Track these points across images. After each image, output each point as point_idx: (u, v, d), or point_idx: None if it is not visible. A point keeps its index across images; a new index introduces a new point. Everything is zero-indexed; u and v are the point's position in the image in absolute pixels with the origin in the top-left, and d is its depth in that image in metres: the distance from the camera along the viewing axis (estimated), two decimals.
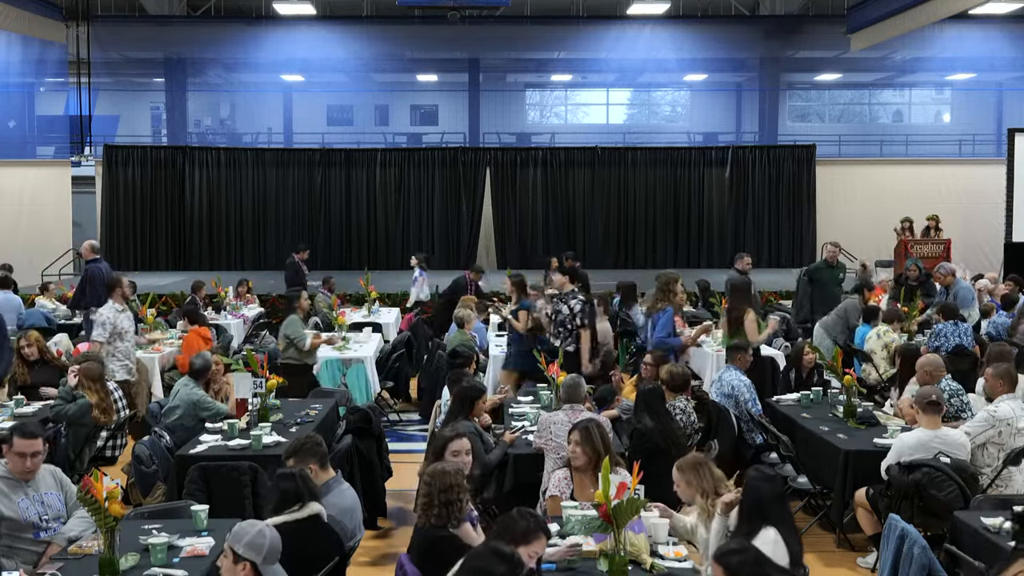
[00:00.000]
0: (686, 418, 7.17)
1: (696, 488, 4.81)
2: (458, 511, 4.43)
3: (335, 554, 4.64)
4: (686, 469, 4.87)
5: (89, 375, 7.41)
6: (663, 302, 9.00)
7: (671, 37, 22.78)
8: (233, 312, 13.57)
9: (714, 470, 4.92)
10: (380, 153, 22.30)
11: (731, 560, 3.60)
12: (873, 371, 9.92)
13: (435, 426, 7.18)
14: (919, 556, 4.65)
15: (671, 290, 9.08)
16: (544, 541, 4.07)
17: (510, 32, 23.21)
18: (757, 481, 4.46)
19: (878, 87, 29.92)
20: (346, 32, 22.82)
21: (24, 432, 5.05)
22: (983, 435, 6.20)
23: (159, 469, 6.76)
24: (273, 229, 21.81)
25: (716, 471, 4.93)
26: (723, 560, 3.62)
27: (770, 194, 22.00)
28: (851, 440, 6.67)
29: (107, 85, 24.89)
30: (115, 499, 4.32)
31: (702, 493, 4.80)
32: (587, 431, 5.35)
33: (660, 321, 8.94)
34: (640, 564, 4.43)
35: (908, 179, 21.90)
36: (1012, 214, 18.89)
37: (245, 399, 7.29)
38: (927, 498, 5.83)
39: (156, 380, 10.22)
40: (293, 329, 9.60)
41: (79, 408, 7.23)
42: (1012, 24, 22.14)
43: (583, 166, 21.95)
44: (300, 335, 9.55)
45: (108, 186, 21.53)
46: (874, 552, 6.09)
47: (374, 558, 6.64)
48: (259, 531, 3.96)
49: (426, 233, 21.78)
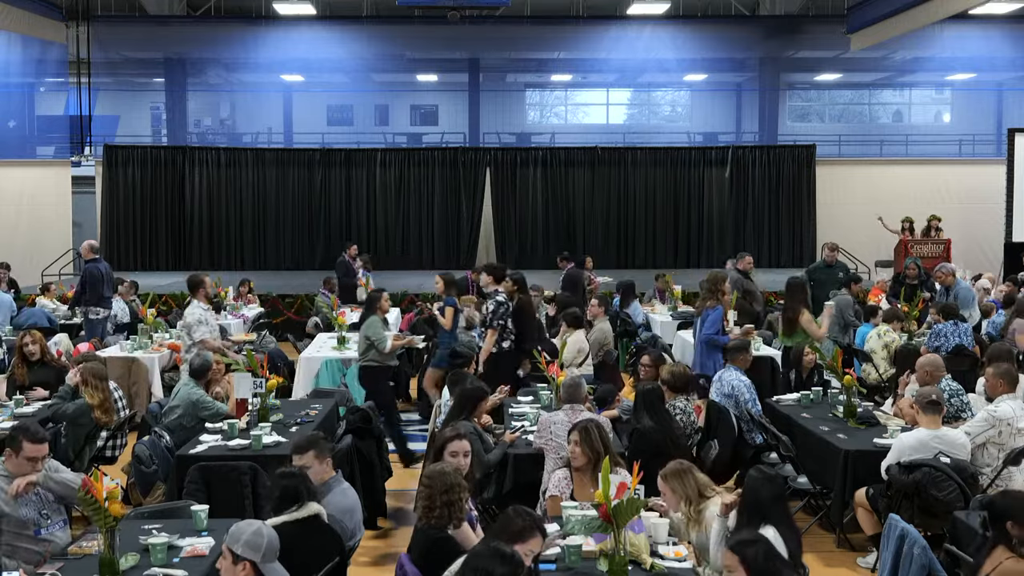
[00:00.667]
0: (686, 418, 7.18)
1: (680, 495, 4.83)
2: (459, 511, 4.43)
3: (335, 554, 4.64)
4: (670, 477, 4.89)
5: (95, 374, 7.40)
6: (712, 300, 9.09)
7: (671, 37, 22.77)
8: (233, 312, 13.58)
9: (698, 476, 4.93)
10: (380, 153, 22.30)
11: (746, 551, 3.68)
12: (873, 371, 9.92)
13: (435, 426, 7.18)
14: (919, 556, 4.65)
15: (720, 289, 9.18)
16: (540, 539, 4.07)
17: (510, 32, 23.19)
18: (757, 481, 4.48)
19: (878, 87, 29.92)
20: (346, 32, 22.81)
21: (34, 437, 5.06)
22: (983, 435, 6.20)
23: (159, 469, 6.76)
24: (273, 229, 21.82)
25: (700, 476, 4.94)
26: (738, 550, 3.70)
27: (770, 194, 22.00)
28: (851, 440, 6.67)
29: (107, 85, 24.89)
30: (115, 499, 4.32)
31: (686, 500, 4.81)
32: (586, 431, 5.35)
33: (709, 319, 9.01)
34: (640, 564, 4.43)
35: (908, 179, 21.91)
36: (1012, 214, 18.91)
37: (245, 399, 7.29)
38: (927, 498, 5.83)
39: (156, 380, 10.22)
40: (374, 331, 9.38)
41: (77, 408, 7.23)
42: (1012, 24, 22.13)
43: (583, 166, 21.95)
44: (381, 337, 9.42)
45: (108, 186, 21.54)
46: (874, 552, 6.09)
47: (374, 558, 6.64)
48: (256, 530, 3.95)
49: (426, 233, 21.78)
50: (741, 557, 3.68)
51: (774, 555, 3.77)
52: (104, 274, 11.83)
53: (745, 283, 11.90)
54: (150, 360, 10.26)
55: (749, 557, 3.67)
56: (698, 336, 9.18)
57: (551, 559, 4.49)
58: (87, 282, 11.70)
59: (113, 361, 9.88)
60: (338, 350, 10.44)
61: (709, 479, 5.02)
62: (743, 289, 11.74)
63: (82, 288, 11.82)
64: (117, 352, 10.44)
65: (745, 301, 11.69)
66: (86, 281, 11.72)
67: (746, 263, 12.22)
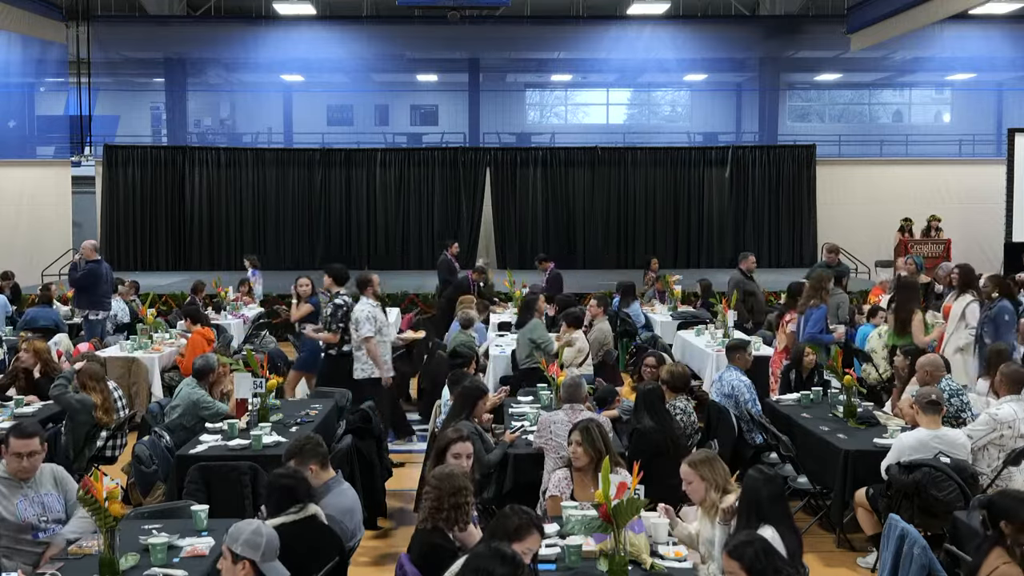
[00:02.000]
0: (686, 418, 7.18)
1: (710, 482, 4.78)
2: (464, 515, 4.43)
3: (335, 554, 4.64)
4: (699, 464, 4.84)
5: (92, 376, 7.40)
6: (815, 299, 9.16)
7: (671, 37, 22.78)
8: (233, 312, 13.58)
9: (724, 465, 4.93)
10: (380, 153, 22.31)
11: (745, 552, 3.70)
12: (873, 371, 9.91)
13: (435, 426, 7.18)
14: (919, 556, 4.65)
15: (823, 287, 9.25)
16: (538, 537, 4.07)
17: (510, 32, 23.20)
18: (757, 481, 4.49)
19: (878, 87, 29.92)
20: (346, 32, 22.82)
21: (20, 432, 5.02)
22: (985, 438, 6.20)
23: (159, 469, 6.76)
24: (273, 229, 21.83)
25: (724, 466, 4.94)
26: (736, 553, 3.72)
27: (770, 194, 22.00)
28: (851, 440, 6.66)
29: (107, 85, 24.89)
30: (115, 499, 4.32)
31: (715, 487, 4.78)
32: (588, 431, 5.35)
33: (813, 317, 9.10)
34: (640, 564, 4.43)
35: (908, 179, 21.92)
36: (1012, 214, 18.92)
37: (245, 399, 7.29)
38: (927, 498, 5.83)
39: (156, 380, 10.22)
40: (539, 333, 9.33)
41: (82, 401, 7.22)
42: (1012, 24, 22.14)
43: (583, 166, 21.96)
44: (547, 339, 9.38)
45: (108, 186, 21.55)
46: (874, 552, 6.09)
47: (374, 558, 6.64)
48: (255, 529, 3.95)
49: (426, 233, 21.79)
50: (740, 561, 3.71)
51: (770, 551, 3.80)
52: (105, 275, 11.82)
53: (747, 284, 11.89)
54: (150, 360, 10.26)
55: (747, 558, 3.70)
56: (802, 335, 9.21)
57: (551, 559, 4.50)
58: (89, 283, 11.66)
59: (113, 361, 9.89)
60: None
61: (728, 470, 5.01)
62: (744, 290, 11.73)
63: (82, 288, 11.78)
64: (117, 352, 10.44)
65: (745, 303, 11.70)
66: (87, 282, 11.67)
67: (749, 263, 12.21)
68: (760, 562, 3.69)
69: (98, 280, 11.66)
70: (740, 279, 11.85)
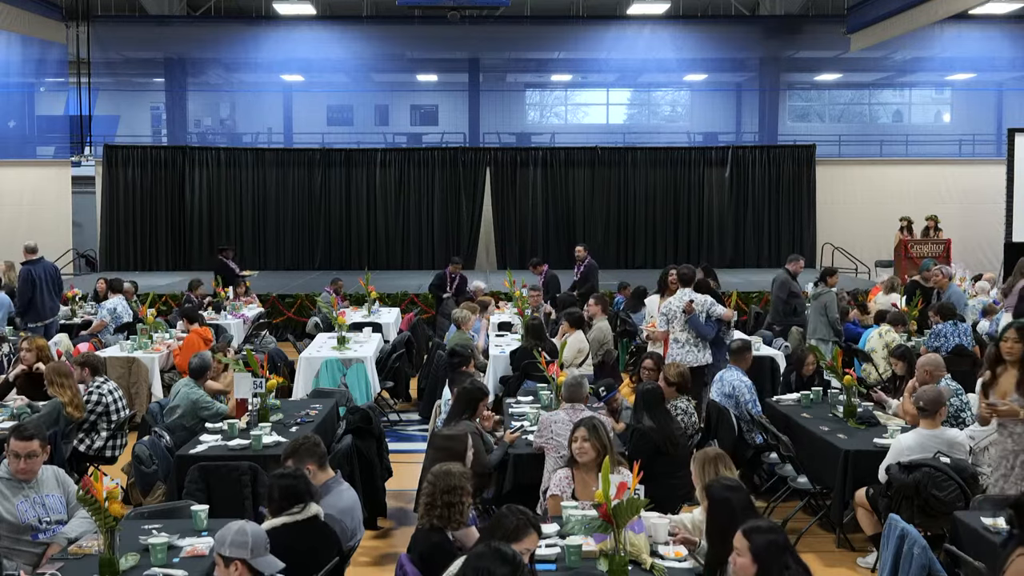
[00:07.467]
0: (687, 418, 7.18)
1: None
2: (459, 514, 4.42)
3: (335, 554, 4.64)
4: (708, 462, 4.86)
5: (58, 372, 7.36)
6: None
7: (671, 37, 22.79)
8: (233, 312, 13.58)
9: (731, 465, 4.93)
10: (380, 153, 22.30)
11: (757, 538, 3.64)
12: (873, 371, 9.92)
13: (435, 426, 7.17)
14: (919, 556, 4.65)
15: None
16: (535, 537, 4.07)
17: (510, 32, 23.21)
18: (723, 493, 4.37)
19: (878, 87, 29.89)
20: (346, 32, 22.82)
21: (19, 433, 5.05)
22: (987, 439, 6.20)
23: (159, 469, 6.75)
24: (273, 229, 21.82)
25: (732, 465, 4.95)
26: (749, 535, 3.67)
27: (770, 194, 22.00)
28: (851, 440, 6.66)
29: (107, 85, 24.87)
30: (115, 499, 4.32)
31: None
32: (594, 427, 5.36)
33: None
34: (640, 564, 4.43)
35: (908, 179, 21.93)
36: (1012, 214, 18.90)
37: (245, 399, 7.29)
38: (927, 498, 5.82)
39: (156, 380, 10.22)
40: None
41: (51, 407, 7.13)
42: (1012, 24, 22.15)
43: (583, 166, 21.95)
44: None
45: (108, 186, 21.54)
46: (874, 552, 6.09)
47: (374, 558, 6.64)
48: (238, 529, 3.96)
49: (426, 233, 21.78)
50: (751, 542, 3.67)
51: (784, 549, 3.72)
52: (42, 278, 11.28)
53: (792, 284, 11.89)
54: (150, 360, 10.26)
55: (758, 544, 3.66)
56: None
57: (551, 559, 4.49)
58: (24, 289, 11.14)
59: (113, 361, 9.89)
60: (338, 350, 10.43)
61: None
62: (789, 290, 11.73)
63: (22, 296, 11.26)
64: (117, 352, 10.43)
65: (788, 303, 11.69)
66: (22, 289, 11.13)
67: (798, 266, 12.14)
68: (769, 553, 3.64)
69: (29, 286, 11.20)
70: (786, 279, 11.85)
